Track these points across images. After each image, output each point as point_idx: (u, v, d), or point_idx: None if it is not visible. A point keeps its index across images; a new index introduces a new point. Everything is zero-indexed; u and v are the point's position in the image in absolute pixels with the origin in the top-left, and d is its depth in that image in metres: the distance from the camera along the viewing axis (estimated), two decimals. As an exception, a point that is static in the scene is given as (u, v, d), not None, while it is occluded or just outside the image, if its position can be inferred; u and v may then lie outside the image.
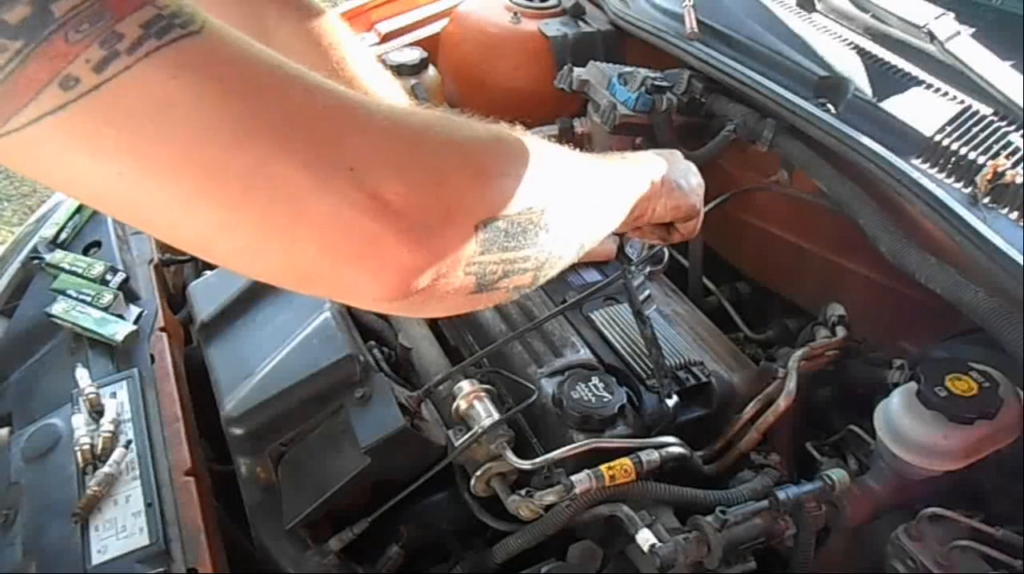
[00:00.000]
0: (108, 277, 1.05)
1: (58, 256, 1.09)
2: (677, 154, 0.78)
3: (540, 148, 0.51)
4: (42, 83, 0.32)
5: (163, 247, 1.21)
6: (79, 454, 0.83)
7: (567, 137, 1.35)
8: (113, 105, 0.33)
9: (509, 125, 0.51)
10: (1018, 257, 0.79)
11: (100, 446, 0.84)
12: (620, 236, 0.90)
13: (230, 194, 0.36)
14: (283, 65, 0.38)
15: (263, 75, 0.37)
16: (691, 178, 0.78)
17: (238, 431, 0.91)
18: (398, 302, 0.43)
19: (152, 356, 0.98)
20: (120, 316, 1.01)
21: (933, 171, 0.93)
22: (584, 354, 0.92)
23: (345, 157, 0.38)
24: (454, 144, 0.44)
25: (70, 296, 1.02)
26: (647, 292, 1.03)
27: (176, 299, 1.19)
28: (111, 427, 0.86)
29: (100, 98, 0.32)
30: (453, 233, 0.43)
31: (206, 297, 1.07)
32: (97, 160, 0.34)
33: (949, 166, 0.92)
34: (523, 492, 0.80)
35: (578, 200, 0.56)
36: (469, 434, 0.81)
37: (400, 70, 1.39)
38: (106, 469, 0.81)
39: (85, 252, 1.13)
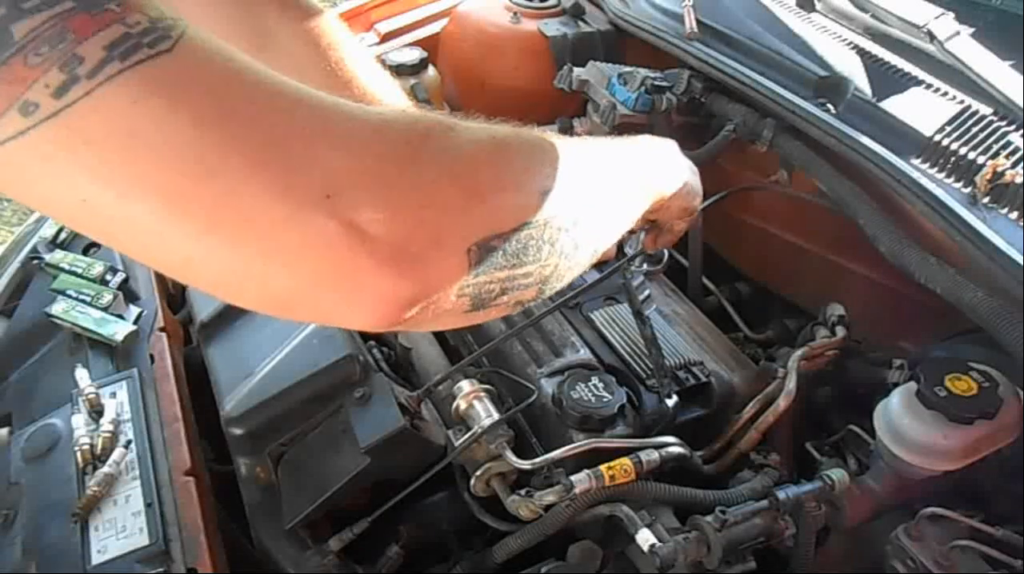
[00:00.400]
0: (108, 277, 1.05)
1: (58, 256, 1.09)
2: (677, 150, 0.77)
3: (548, 153, 0.47)
4: (2, 108, 0.31)
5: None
6: (79, 454, 0.83)
7: (567, 137, 1.34)
8: (73, 132, 0.32)
9: (518, 124, 0.47)
10: (1018, 257, 0.79)
11: (100, 446, 0.84)
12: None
13: (196, 225, 0.34)
14: (263, 81, 0.36)
15: (238, 95, 0.35)
16: (694, 177, 0.76)
17: (238, 431, 0.91)
18: (386, 328, 0.41)
19: (152, 356, 0.98)
20: (120, 316, 1.01)
21: (933, 171, 0.93)
22: (584, 354, 0.92)
23: (322, 184, 0.36)
24: (447, 158, 0.41)
25: (70, 296, 1.02)
26: (647, 292, 1.03)
27: (176, 299, 1.19)
28: (111, 427, 0.86)
29: (59, 124, 0.31)
30: (442, 259, 0.40)
31: (206, 297, 1.07)
32: (60, 186, 0.33)
33: (949, 166, 0.92)
34: (523, 492, 0.80)
35: (589, 207, 0.51)
36: (469, 434, 0.81)
37: (400, 70, 1.39)
38: (106, 469, 0.81)
39: (85, 252, 1.13)
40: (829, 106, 1.04)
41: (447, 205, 0.40)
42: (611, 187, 0.57)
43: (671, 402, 0.87)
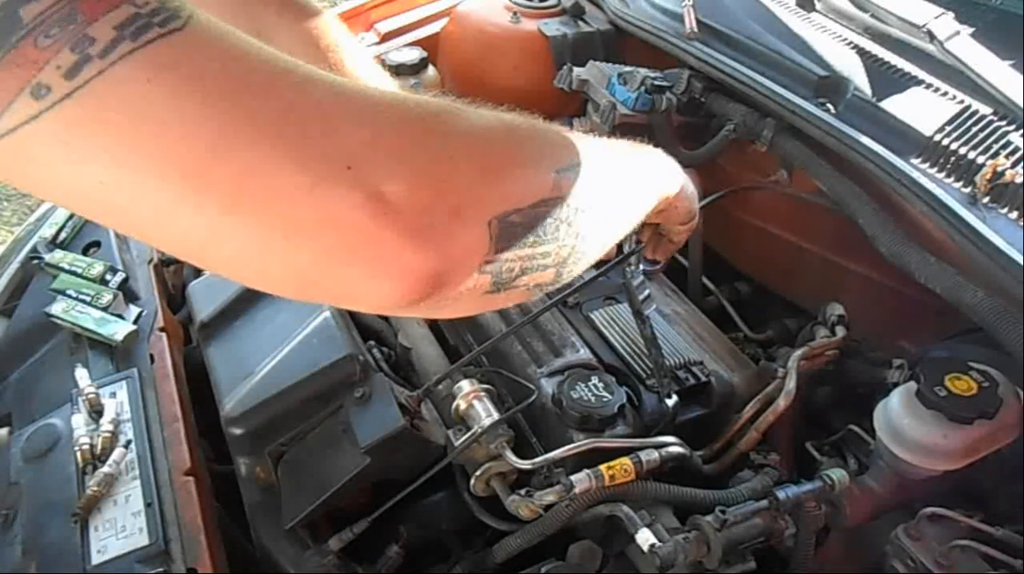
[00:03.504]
0: (108, 277, 1.05)
1: (57, 256, 1.09)
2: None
3: (561, 137, 0.48)
4: (13, 93, 0.31)
5: (163, 247, 1.21)
6: (79, 454, 0.83)
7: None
8: (88, 113, 0.31)
9: (528, 114, 0.48)
10: (1018, 257, 0.79)
11: (100, 446, 0.84)
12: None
13: (217, 200, 0.34)
14: (275, 59, 0.36)
15: (251, 71, 0.35)
16: (691, 185, 0.78)
17: (238, 431, 0.91)
18: (408, 307, 0.41)
19: (152, 356, 0.98)
20: (120, 316, 1.01)
21: (933, 171, 0.93)
22: (584, 354, 0.92)
23: (341, 155, 0.36)
24: (461, 135, 0.41)
25: (70, 296, 1.02)
26: (647, 292, 1.03)
27: (176, 299, 1.19)
28: (111, 427, 0.86)
29: (73, 106, 0.31)
30: (463, 231, 0.40)
31: (206, 297, 1.07)
32: (76, 170, 0.33)
33: (949, 166, 0.92)
34: (523, 492, 0.80)
35: (602, 192, 0.52)
36: (469, 434, 0.81)
37: (400, 70, 1.39)
38: (106, 469, 0.81)
39: (85, 252, 1.13)
40: (829, 106, 1.04)
41: (465, 179, 0.40)
42: (621, 178, 0.58)
43: (671, 402, 0.87)
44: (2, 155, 0.32)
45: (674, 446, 0.84)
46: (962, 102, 0.99)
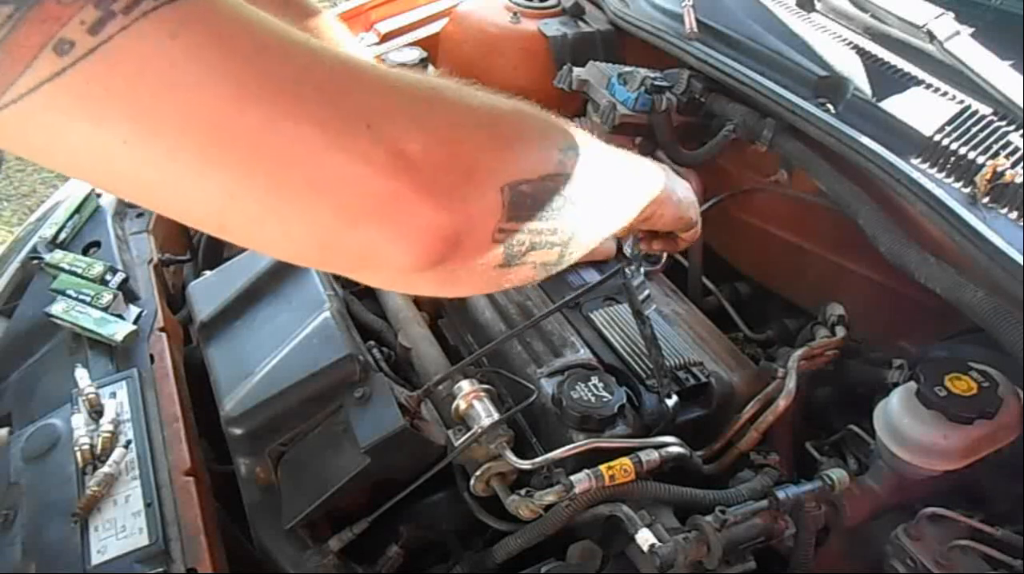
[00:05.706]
0: (107, 277, 1.05)
1: (57, 256, 1.09)
2: (668, 168, 0.79)
3: (562, 124, 0.50)
4: (36, 49, 0.31)
5: (163, 247, 1.22)
6: (79, 454, 0.83)
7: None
8: (112, 68, 0.31)
9: (530, 103, 0.49)
10: (1018, 257, 0.79)
11: (100, 446, 0.84)
12: (618, 238, 0.90)
13: (239, 156, 0.34)
14: (288, 30, 0.36)
15: (268, 35, 0.35)
16: (688, 192, 0.79)
17: (238, 431, 0.91)
18: (425, 273, 0.41)
19: (152, 356, 0.98)
20: (120, 316, 1.02)
21: (933, 171, 0.93)
22: (584, 354, 0.92)
23: (360, 113, 0.36)
24: (471, 107, 0.43)
25: (70, 296, 1.02)
26: (647, 292, 1.03)
27: (176, 299, 1.19)
28: (111, 427, 0.86)
29: (97, 61, 0.31)
30: (478, 194, 0.41)
31: (206, 297, 1.07)
32: (99, 127, 0.33)
33: (948, 166, 0.92)
34: (523, 492, 0.80)
35: (599, 180, 0.54)
36: (469, 434, 0.81)
37: (400, 70, 1.39)
38: (106, 469, 0.81)
39: (84, 252, 1.13)
40: (829, 106, 1.04)
41: (477, 144, 0.42)
42: (616, 170, 0.60)
43: (671, 402, 0.87)
44: (23, 118, 0.32)
45: (674, 446, 0.84)
46: (962, 102, 0.99)
